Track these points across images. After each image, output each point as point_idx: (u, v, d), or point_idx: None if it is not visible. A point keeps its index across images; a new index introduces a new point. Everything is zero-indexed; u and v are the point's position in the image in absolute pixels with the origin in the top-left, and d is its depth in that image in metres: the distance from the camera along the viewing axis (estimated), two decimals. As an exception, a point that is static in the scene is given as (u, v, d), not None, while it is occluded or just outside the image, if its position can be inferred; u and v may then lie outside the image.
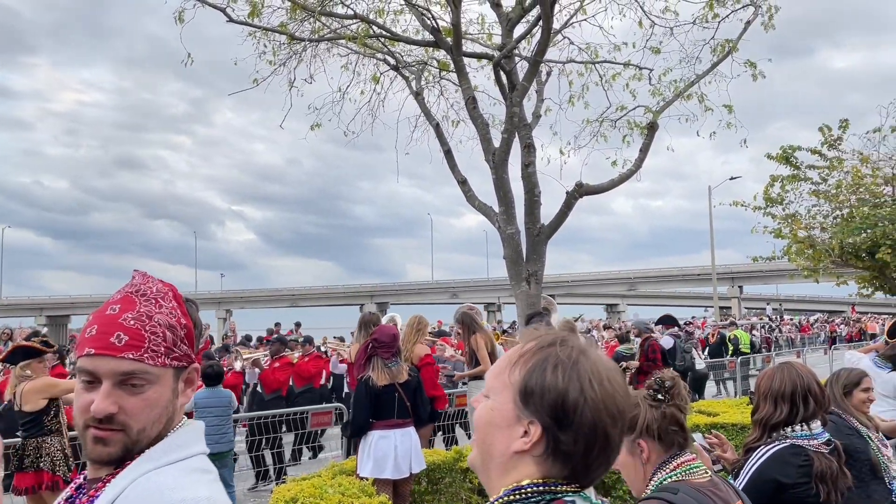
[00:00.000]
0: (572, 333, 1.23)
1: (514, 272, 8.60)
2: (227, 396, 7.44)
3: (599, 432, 1.10)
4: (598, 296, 75.06)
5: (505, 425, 1.15)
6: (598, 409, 1.10)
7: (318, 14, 9.21)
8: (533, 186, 8.73)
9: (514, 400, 1.14)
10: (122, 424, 1.28)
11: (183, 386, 1.41)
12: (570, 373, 1.11)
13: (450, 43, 8.88)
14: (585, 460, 1.12)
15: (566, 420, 1.10)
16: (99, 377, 1.28)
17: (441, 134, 10.08)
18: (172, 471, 1.30)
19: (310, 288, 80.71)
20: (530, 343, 1.18)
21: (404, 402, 5.52)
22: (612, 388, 1.12)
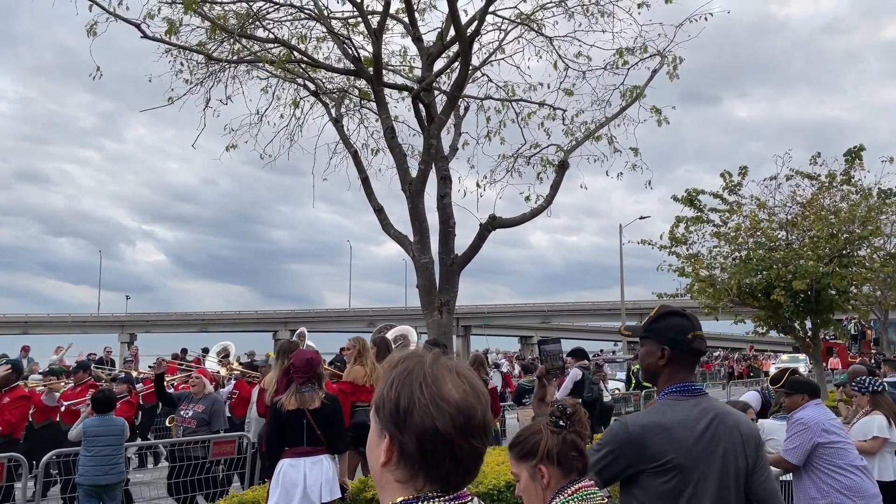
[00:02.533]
0: (426, 352, 1.32)
1: (427, 301, 8.66)
2: (119, 425, 7.05)
3: (432, 432, 1.19)
4: (513, 328, 76.05)
5: (374, 444, 1.27)
6: (426, 410, 1.19)
7: (237, 36, 9.14)
8: (448, 217, 8.86)
9: (374, 419, 1.27)
10: None
11: None
12: (403, 382, 1.23)
13: (371, 73, 8.98)
14: (431, 462, 1.21)
15: (403, 424, 1.20)
16: None
17: (359, 161, 10.13)
18: None
19: (221, 312, 78.27)
20: (384, 368, 1.34)
21: (314, 429, 5.37)
22: (446, 390, 1.22)
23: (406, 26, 9.82)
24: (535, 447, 2.25)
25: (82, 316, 75.04)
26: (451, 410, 1.20)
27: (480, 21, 8.50)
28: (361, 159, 10.30)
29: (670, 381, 2.54)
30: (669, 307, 2.67)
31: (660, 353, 2.54)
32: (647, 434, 2.41)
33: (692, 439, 2.41)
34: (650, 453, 2.39)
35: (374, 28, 8.73)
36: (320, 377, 5.45)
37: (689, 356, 2.55)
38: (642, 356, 2.65)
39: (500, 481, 5.27)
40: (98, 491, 6.77)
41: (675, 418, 2.44)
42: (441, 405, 1.20)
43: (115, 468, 6.86)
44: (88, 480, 6.72)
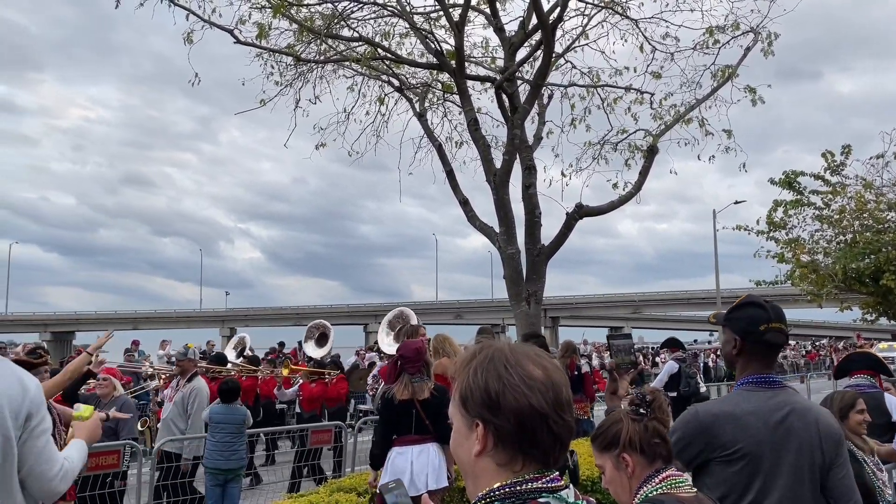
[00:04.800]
0: (497, 340, 1.36)
1: (514, 292, 8.65)
2: (242, 413, 7.42)
3: (528, 410, 1.22)
4: (602, 318, 74.84)
5: (463, 438, 1.29)
6: (518, 389, 1.23)
7: (324, 36, 9.37)
8: (533, 207, 8.81)
9: (460, 412, 1.30)
10: None
11: None
12: (486, 368, 1.27)
13: (453, 66, 9.02)
14: (531, 440, 1.23)
15: (496, 407, 1.23)
16: None
17: (444, 155, 10.20)
18: None
19: (314, 307, 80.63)
20: (459, 362, 1.36)
21: (422, 418, 5.48)
22: (530, 369, 1.25)
23: (487, 17, 9.80)
24: (617, 436, 2.25)
25: (186, 311, 79.10)
26: (540, 387, 1.23)
27: (563, 7, 8.38)
28: (446, 152, 10.37)
29: (745, 371, 2.55)
30: (754, 297, 2.64)
31: (733, 343, 2.55)
32: (717, 422, 2.43)
33: (764, 430, 2.40)
34: (720, 441, 2.40)
35: (455, 21, 8.76)
36: (428, 366, 5.54)
37: (763, 347, 2.53)
38: (722, 344, 2.68)
39: (594, 472, 5.23)
40: (222, 474, 7.16)
41: (747, 408, 2.44)
42: (530, 383, 1.23)
43: (237, 454, 7.23)
44: (212, 464, 7.14)
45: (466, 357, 1.33)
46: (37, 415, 2.41)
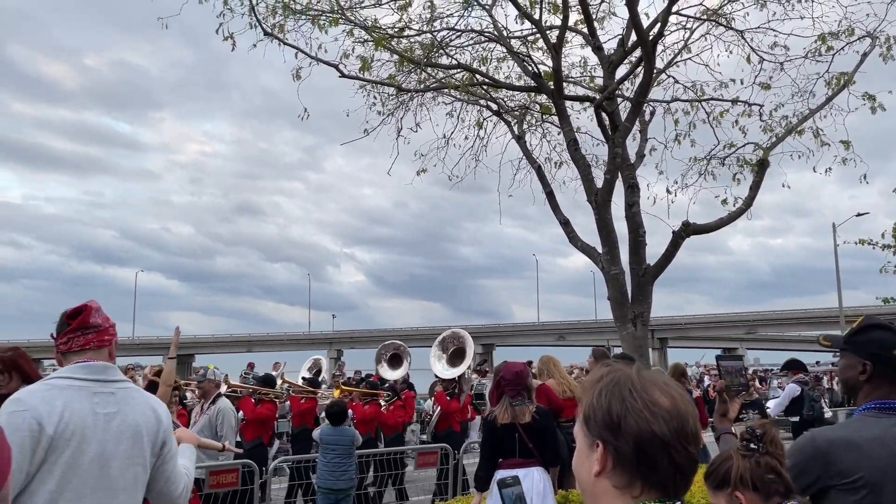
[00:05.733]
0: (627, 365, 1.36)
1: (620, 314, 8.47)
2: (350, 434, 7.64)
3: (648, 436, 1.22)
4: (714, 339, 71.66)
5: (584, 457, 1.32)
6: (641, 414, 1.24)
7: (424, 66, 9.62)
8: (637, 226, 8.63)
9: (583, 431, 1.33)
10: None
11: None
12: (612, 391, 1.29)
13: (551, 87, 9.03)
14: (651, 466, 1.23)
15: (616, 429, 1.25)
16: None
17: (543, 176, 10.19)
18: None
19: (416, 328, 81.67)
20: (586, 384, 1.39)
21: (526, 442, 5.46)
22: (656, 396, 1.26)
23: (585, 37, 9.76)
24: (728, 474, 2.18)
25: (296, 334, 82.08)
26: (664, 415, 1.23)
27: (663, 22, 8.24)
28: (545, 173, 10.35)
29: (870, 396, 2.41)
30: (875, 319, 2.52)
31: (861, 368, 2.42)
32: (834, 449, 2.31)
33: (887, 458, 2.25)
34: (838, 469, 2.27)
35: (553, 43, 8.78)
36: (529, 390, 5.52)
37: (892, 372, 2.39)
38: (841, 369, 2.54)
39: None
40: (333, 494, 7.38)
41: (868, 435, 2.30)
42: (654, 410, 1.24)
43: (346, 474, 7.44)
44: (324, 484, 7.39)
45: (593, 379, 1.37)
46: (169, 441, 2.55)
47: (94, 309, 2.55)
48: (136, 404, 2.48)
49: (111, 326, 2.59)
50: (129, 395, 2.49)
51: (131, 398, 2.49)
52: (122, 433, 2.42)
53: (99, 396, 2.44)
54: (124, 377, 2.55)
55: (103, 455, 2.36)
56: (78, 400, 2.40)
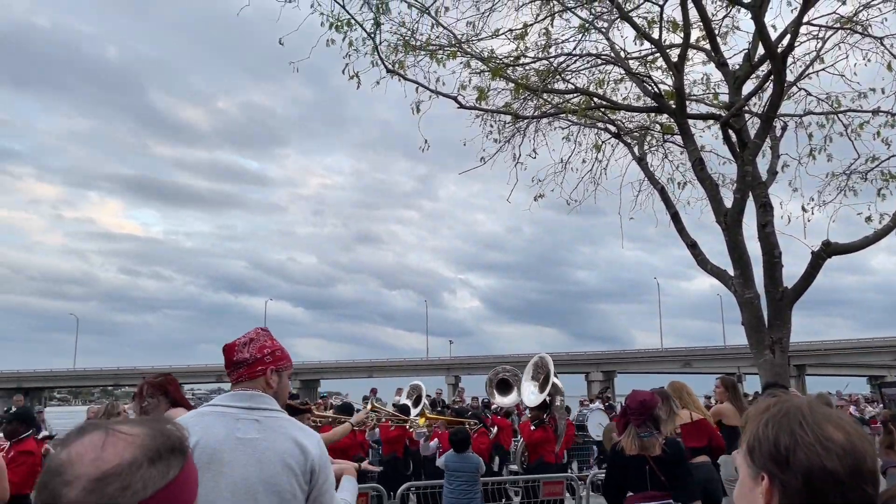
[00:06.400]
0: (798, 397, 1.29)
1: (755, 339, 8.04)
2: (475, 462, 7.67)
3: (820, 471, 1.15)
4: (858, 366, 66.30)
5: (748, 489, 1.27)
6: (812, 449, 1.17)
7: (540, 92, 9.64)
8: (772, 247, 8.19)
9: (746, 462, 1.27)
10: None
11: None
12: (780, 422, 1.23)
13: (673, 107, 8.80)
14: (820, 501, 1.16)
15: (783, 463, 1.19)
16: None
17: (667, 197, 9.91)
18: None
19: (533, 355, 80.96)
20: (751, 413, 1.32)
21: (657, 475, 5.26)
22: (829, 431, 1.18)
23: (708, 53, 9.47)
24: None
25: (414, 360, 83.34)
26: (838, 451, 1.17)
27: (794, 34, 7.85)
28: (668, 194, 10.06)
29: None
30: None
31: None
32: None
33: None
34: None
35: (674, 61, 8.58)
36: (656, 420, 5.32)
37: None
38: None
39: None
40: None
41: None
42: (827, 445, 1.17)
43: (473, 501, 7.48)
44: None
45: (760, 408, 1.31)
46: (320, 471, 2.48)
47: (242, 344, 2.65)
48: (281, 432, 2.48)
49: (266, 356, 2.64)
50: (275, 424, 2.50)
51: (277, 426, 2.49)
52: (262, 460, 2.41)
53: (242, 423, 2.46)
54: (274, 406, 2.57)
55: (243, 480, 2.38)
56: (219, 425, 2.44)
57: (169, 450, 1.11)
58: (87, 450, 1.06)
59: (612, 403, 21.13)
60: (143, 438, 1.10)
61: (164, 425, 1.15)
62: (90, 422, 1.19)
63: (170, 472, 1.10)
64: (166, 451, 1.11)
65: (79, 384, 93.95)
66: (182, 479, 1.12)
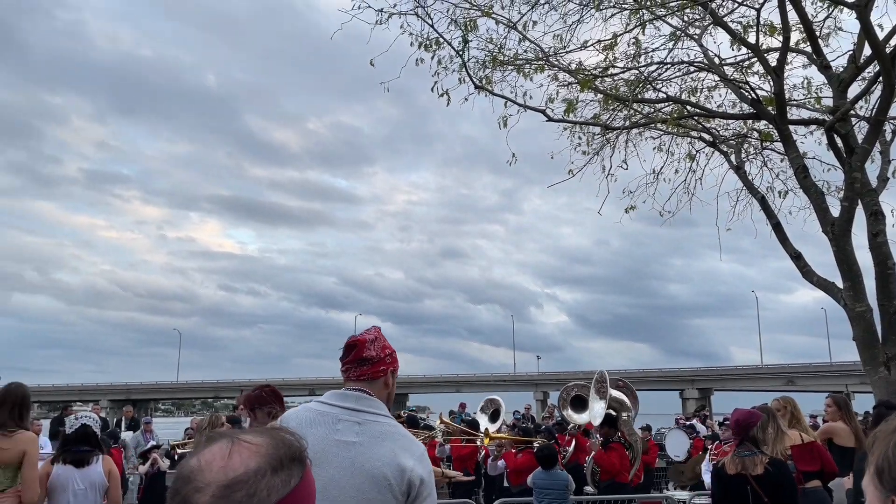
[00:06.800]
0: None
1: (868, 356, 7.57)
2: (563, 479, 7.57)
3: None
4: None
5: None
6: None
7: (630, 102, 9.48)
8: (884, 258, 7.70)
9: (874, 484, 1.21)
10: None
11: None
12: None
13: (772, 113, 8.46)
14: None
15: None
16: None
17: (767, 206, 9.51)
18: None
19: (624, 371, 78.85)
20: (880, 433, 1.26)
21: (760, 495, 5.04)
22: None
23: (809, 56, 9.06)
24: None
25: (501, 375, 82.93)
26: None
27: (904, 31, 7.42)
28: (769, 204, 9.65)
29: None
30: None
31: None
32: None
33: None
34: None
35: (772, 66, 8.25)
36: (756, 440, 5.10)
37: None
38: None
39: None
40: None
41: None
42: None
43: None
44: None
45: (889, 428, 1.25)
46: (424, 484, 2.37)
47: (370, 341, 2.56)
48: (381, 440, 2.35)
49: (387, 356, 2.58)
50: (377, 429, 2.38)
51: (379, 432, 2.37)
52: (356, 466, 2.30)
53: (342, 424, 2.36)
54: (382, 410, 2.47)
55: (333, 483, 2.28)
56: (318, 424, 2.36)
57: (290, 459, 1.15)
58: (216, 458, 1.11)
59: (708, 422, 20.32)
60: (266, 448, 1.14)
61: (285, 435, 1.19)
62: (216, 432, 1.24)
63: (291, 480, 1.13)
64: (288, 460, 1.15)
65: (181, 396, 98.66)
66: (302, 488, 1.15)
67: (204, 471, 1.09)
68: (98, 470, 5.17)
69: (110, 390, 79.69)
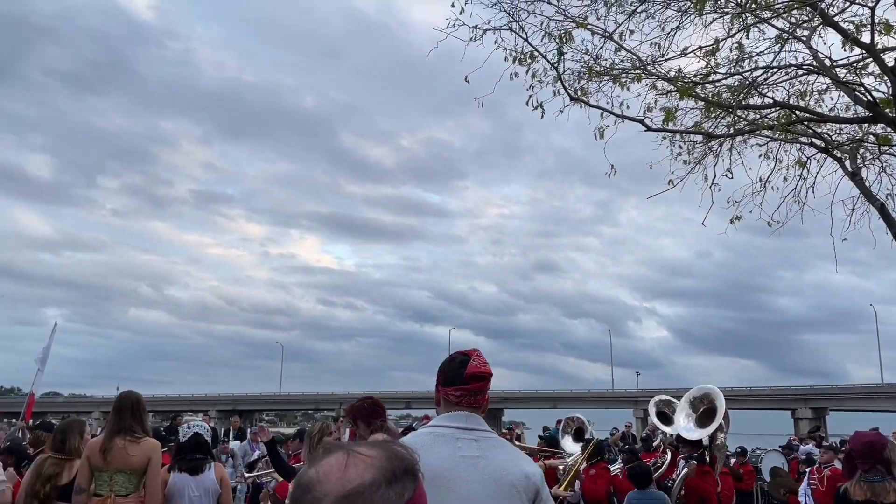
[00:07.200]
0: None
1: None
2: (659, 498, 7.34)
3: None
4: None
5: None
6: None
7: (734, 109, 9.14)
8: None
9: None
10: None
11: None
12: None
13: (891, 115, 7.94)
14: None
15: None
16: None
17: (887, 215, 8.91)
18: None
19: (731, 389, 75.36)
20: None
21: None
22: None
23: (932, 52, 8.46)
24: None
25: (599, 392, 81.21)
26: None
27: None
28: (889, 212, 9.03)
29: None
30: None
31: None
32: None
33: None
34: None
35: (889, 66, 7.75)
36: (889, 463, 4.76)
37: None
38: None
39: None
40: None
41: None
42: None
43: None
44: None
45: None
46: (543, 488, 2.57)
47: (490, 375, 2.69)
48: (499, 451, 2.55)
49: (489, 378, 2.71)
50: (492, 443, 2.57)
51: (494, 446, 2.57)
52: (486, 476, 2.47)
53: (462, 442, 2.52)
54: (488, 427, 2.65)
55: (472, 496, 2.44)
56: (440, 444, 2.51)
57: (403, 472, 1.16)
58: (333, 469, 1.13)
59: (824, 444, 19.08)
60: (380, 460, 1.15)
61: (397, 448, 1.21)
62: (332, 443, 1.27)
63: (405, 493, 1.14)
64: (401, 473, 1.16)
65: (284, 408, 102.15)
66: (415, 501, 1.16)
67: (322, 481, 1.12)
68: (211, 477, 5.42)
69: (218, 401, 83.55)
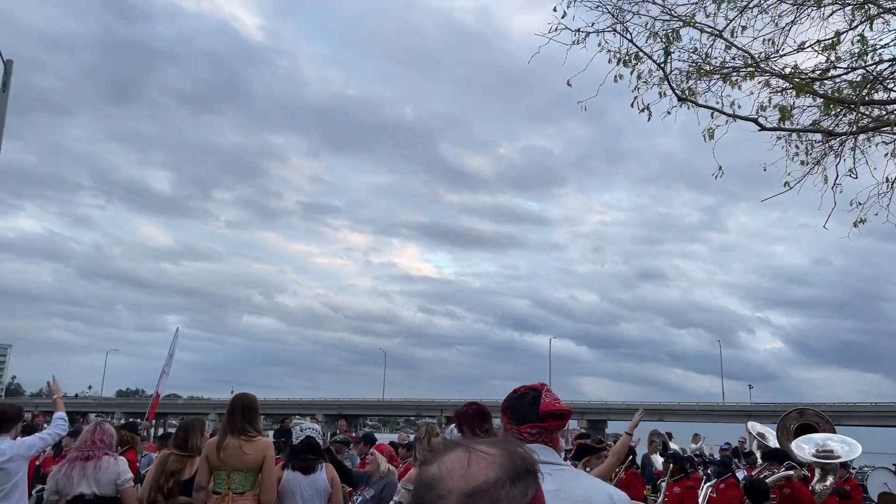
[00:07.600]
0: None
1: None
2: None
3: None
4: None
5: None
6: None
7: (857, 105, 8.58)
8: None
9: None
10: None
11: None
12: None
13: None
14: None
15: None
16: None
17: None
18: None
19: (853, 404, 70.55)
20: None
21: None
22: None
23: None
24: None
25: (708, 405, 77.87)
26: None
27: None
28: None
29: None
30: None
31: None
32: None
33: None
34: None
35: None
36: None
37: None
38: None
39: None
40: None
41: None
42: None
43: None
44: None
45: None
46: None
47: (570, 414, 2.68)
48: (575, 482, 2.49)
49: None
50: (565, 475, 2.52)
51: (568, 477, 2.51)
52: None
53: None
54: (560, 460, 2.64)
55: None
56: None
57: (525, 471, 1.15)
58: (455, 466, 1.13)
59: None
60: (501, 458, 1.14)
61: (516, 447, 1.19)
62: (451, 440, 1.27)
63: (528, 492, 1.13)
64: (523, 471, 1.14)
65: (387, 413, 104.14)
66: (537, 501, 1.14)
67: (445, 479, 1.11)
68: (323, 477, 5.58)
69: (324, 405, 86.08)
